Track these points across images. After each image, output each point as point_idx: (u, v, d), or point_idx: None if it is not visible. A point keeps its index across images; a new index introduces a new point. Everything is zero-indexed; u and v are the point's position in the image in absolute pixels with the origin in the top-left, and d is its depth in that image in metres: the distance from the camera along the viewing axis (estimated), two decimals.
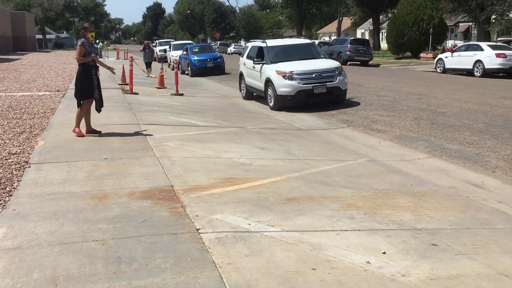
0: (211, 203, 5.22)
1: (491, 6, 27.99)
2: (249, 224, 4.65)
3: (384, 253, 4.12)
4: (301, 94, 12.81)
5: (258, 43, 15.45)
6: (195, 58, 25.80)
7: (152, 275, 3.56)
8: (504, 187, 6.41)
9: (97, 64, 8.88)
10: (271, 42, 14.77)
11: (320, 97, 13.10)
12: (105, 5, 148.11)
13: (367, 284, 3.55)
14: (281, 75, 12.95)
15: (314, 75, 12.89)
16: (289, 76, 12.83)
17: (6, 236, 4.26)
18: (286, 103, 12.98)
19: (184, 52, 27.32)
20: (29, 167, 6.59)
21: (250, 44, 16.34)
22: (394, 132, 10.09)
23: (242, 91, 16.24)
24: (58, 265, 3.70)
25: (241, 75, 16.23)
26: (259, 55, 14.47)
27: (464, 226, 4.87)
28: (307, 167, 7.04)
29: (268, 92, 13.55)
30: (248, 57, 15.48)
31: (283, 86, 12.87)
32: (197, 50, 27.58)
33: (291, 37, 26.09)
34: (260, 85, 14.15)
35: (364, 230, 4.63)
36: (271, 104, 13.46)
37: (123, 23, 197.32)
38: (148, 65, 24.46)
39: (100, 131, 8.92)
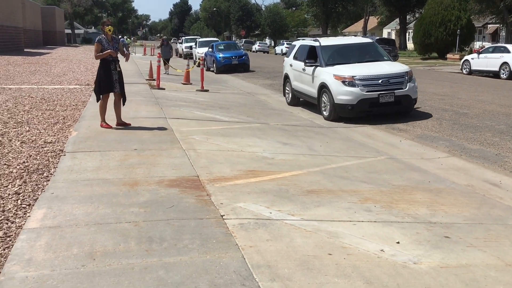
0: (235, 193, 5.51)
1: None
2: (270, 213, 4.93)
3: (398, 242, 4.35)
4: (364, 103, 10.92)
5: (308, 41, 13.77)
6: (221, 55, 26.19)
7: (180, 254, 3.88)
8: None
9: (117, 59, 9.04)
10: (325, 41, 12.97)
11: (386, 107, 11.18)
12: (133, 1, 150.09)
13: (380, 269, 3.80)
14: (339, 81, 11.06)
15: (380, 81, 10.97)
16: (349, 82, 10.94)
17: (46, 216, 4.63)
18: (345, 113, 11.18)
19: (210, 49, 27.76)
20: (64, 155, 6.99)
21: (297, 43, 14.61)
22: (416, 131, 10.24)
23: (287, 96, 14.50)
24: (95, 242, 4.04)
25: (286, 77, 14.50)
26: (311, 56, 12.66)
27: (477, 221, 5.06)
28: (327, 163, 7.28)
29: (323, 100, 11.70)
30: (296, 57, 13.81)
31: (342, 94, 11.00)
32: (222, 47, 27.95)
33: (318, 35, 26.07)
34: (312, 90, 12.30)
35: (380, 222, 4.86)
36: (325, 114, 11.62)
37: (150, 20, 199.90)
38: (166, 62, 23.54)
39: (130, 124, 9.30)
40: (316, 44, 12.68)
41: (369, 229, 4.66)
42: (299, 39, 15.50)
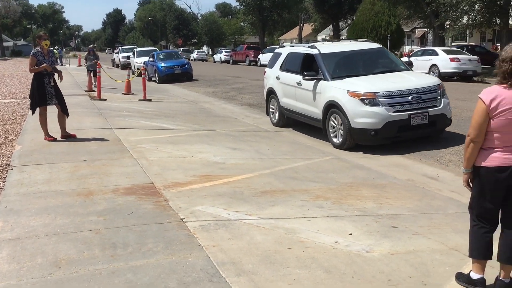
0: (192, 197, 5.64)
1: (445, 12, 29.32)
2: (229, 214, 5.10)
3: (351, 234, 4.64)
4: (392, 127, 8.48)
5: (300, 48, 11.02)
6: (162, 64, 25.70)
7: (146, 257, 3.97)
8: (457, 178, 7.03)
9: (53, 72, 8.94)
10: (325, 48, 10.25)
11: (418, 131, 8.85)
12: (64, 12, 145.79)
13: (337, 259, 4.06)
14: (357, 98, 8.56)
15: (410, 97, 8.57)
16: (371, 100, 8.48)
17: (3, 229, 4.57)
18: (366, 140, 8.74)
19: (151, 59, 27.13)
20: (12, 169, 6.84)
21: (284, 51, 11.85)
22: None
23: (272, 116, 11.90)
24: (58, 252, 4.05)
25: (270, 93, 11.86)
26: (307, 67, 10.24)
27: (420, 212, 5.45)
28: (277, 165, 7.54)
29: (331, 123, 9.21)
30: (285, 68, 11.21)
31: (362, 115, 8.51)
32: (163, 56, 27.51)
33: (255, 43, 25.99)
34: (313, 110, 9.79)
35: (332, 217, 5.15)
36: (335, 140, 9.09)
37: (82, 30, 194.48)
38: (93, 73, 20.79)
39: (75, 135, 9.18)
40: (314, 51, 10.09)
41: (323, 223, 4.92)
42: (285, 46, 12.74)
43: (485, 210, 3.54)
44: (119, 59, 39.27)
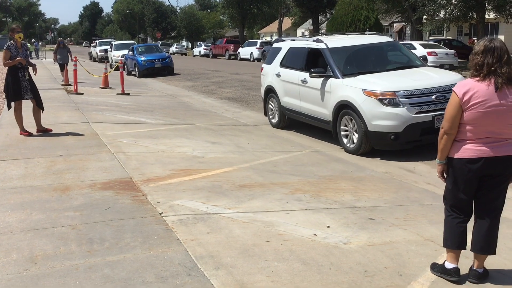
0: (170, 191, 5.61)
1: (422, 7, 29.62)
2: (207, 208, 5.09)
3: (328, 227, 4.67)
4: (414, 129, 7.65)
5: (303, 42, 10.06)
6: (142, 58, 25.25)
7: (123, 252, 3.95)
8: (433, 171, 7.13)
9: (28, 65, 8.82)
10: (332, 42, 9.28)
11: None
12: (40, 4, 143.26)
13: (315, 251, 4.09)
14: (374, 98, 7.71)
15: (434, 96, 7.72)
16: (390, 100, 7.63)
17: None
18: (384, 145, 7.90)
19: (130, 52, 26.68)
20: None
21: (283, 45, 10.75)
22: None
23: (271, 116, 10.92)
24: (34, 247, 4.00)
25: (269, 91, 10.87)
26: (312, 63, 9.34)
27: (397, 204, 5.53)
28: (256, 158, 7.54)
29: (344, 127, 8.35)
30: (286, 65, 10.25)
31: (380, 117, 7.68)
32: (143, 50, 27.07)
33: (235, 37, 25.56)
34: (322, 111, 8.90)
35: (310, 210, 5.18)
36: (349, 145, 8.24)
37: (58, 23, 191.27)
38: (63, 67, 20.25)
39: (51, 130, 9.05)
40: (321, 46, 9.12)
41: (301, 216, 4.95)
42: (284, 40, 11.34)
43: (459, 200, 3.61)
44: (97, 53, 38.80)
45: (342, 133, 8.44)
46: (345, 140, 8.35)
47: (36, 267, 3.66)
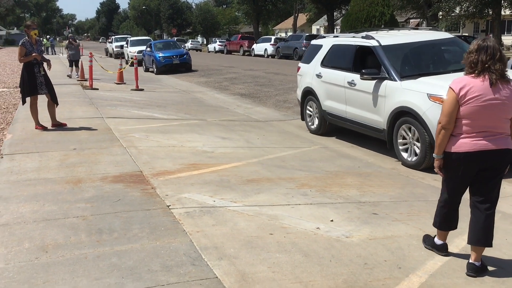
0: (179, 185, 5.75)
1: (438, 3, 29.46)
2: (214, 201, 5.22)
3: (332, 221, 4.77)
4: None
5: (348, 39, 8.92)
6: (160, 54, 24.86)
7: (131, 242, 4.09)
8: None
9: (43, 61, 9.00)
10: (385, 38, 8.20)
11: None
12: (57, 0, 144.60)
13: (316, 244, 4.19)
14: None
15: None
16: None
17: None
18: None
19: (148, 49, 26.38)
20: (2, 157, 6.92)
21: (326, 42, 9.58)
22: None
23: (310, 121, 9.88)
24: (46, 237, 4.16)
25: (307, 93, 9.84)
26: (361, 62, 8.41)
27: (401, 199, 5.59)
28: (265, 154, 7.65)
29: (400, 135, 7.31)
30: (328, 64, 9.19)
31: None
32: (161, 46, 26.66)
33: (250, 33, 25.38)
34: (373, 118, 7.86)
35: (315, 204, 5.27)
36: (408, 158, 7.20)
37: (75, 19, 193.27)
38: (75, 64, 20.36)
39: (66, 124, 9.25)
40: (373, 43, 8.07)
41: (306, 210, 5.05)
42: (325, 36, 10.18)
43: (454, 193, 3.81)
44: (113, 49, 39.21)
45: (400, 146, 7.35)
46: (404, 154, 7.26)
47: (47, 255, 3.82)
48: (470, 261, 3.74)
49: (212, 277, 3.53)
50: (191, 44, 63.11)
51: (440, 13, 30.87)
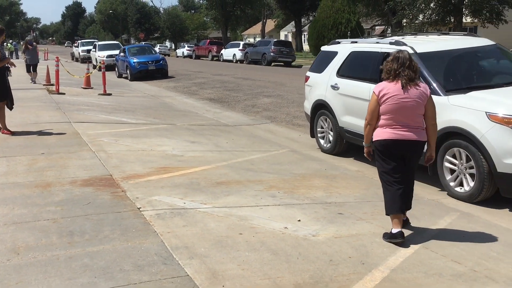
0: (149, 188, 5.82)
1: (402, 10, 30.19)
2: (184, 203, 5.32)
3: (299, 220, 4.93)
4: None
5: (373, 45, 7.65)
6: (135, 60, 23.72)
7: (103, 243, 4.15)
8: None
9: (8, 66, 8.98)
10: (419, 45, 6.94)
11: None
12: (21, 4, 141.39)
13: (284, 242, 4.34)
14: (506, 126, 5.53)
15: None
16: None
17: None
18: None
19: (122, 54, 25.22)
20: None
21: (343, 49, 8.30)
22: None
23: (323, 139, 8.59)
24: (17, 239, 4.18)
25: (319, 107, 8.55)
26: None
27: (366, 200, 5.81)
28: (234, 157, 7.78)
29: (448, 161, 6.06)
30: (345, 74, 7.95)
31: None
32: (136, 51, 25.46)
33: (219, 38, 24.83)
34: None
35: (283, 205, 5.44)
36: (459, 190, 5.97)
37: (40, 23, 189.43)
38: (33, 68, 19.55)
39: (14, 132, 8.98)
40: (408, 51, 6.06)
41: (274, 211, 5.20)
42: (339, 42, 8.74)
43: (388, 173, 4.56)
44: (79, 53, 38.64)
45: (448, 176, 6.09)
46: (452, 183, 6.05)
47: (19, 257, 3.85)
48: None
49: (184, 275, 3.63)
50: (159, 49, 62.63)
51: (404, 20, 31.65)
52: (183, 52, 54.27)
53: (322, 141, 8.66)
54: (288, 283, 3.61)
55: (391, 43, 7.21)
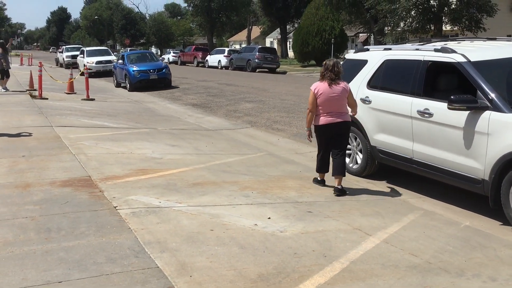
0: (126, 188, 6.02)
1: (383, 18, 30.75)
2: (160, 202, 5.52)
3: (269, 218, 5.17)
4: None
5: (414, 52, 6.57)
6: (135, 68, 21.31)
7: (78, 239, 4.35)
8: (375, 172, 7.74)
9: None
10: (472, 52, 5.92)
11: None
12: (6, 9, 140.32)
13: (253, 238, 4.57)
14: None
15: None
16: None
17: None
18: None
19: (120, 61, 22.78)
20: None
21: (373, 56, 7.28)
22: (292, 130, 11.35)
23: (350, 159, 7.55)
24: None
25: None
26: (435, 85, 6.32)
27: (335, 199, 6.06)
28: (212, 160, 8.00)
29: None
30: (379, 86, 6.99)
31: None
32: (136, 58, 23.05)
33: (204, 44, 24.75)
34: (467, 164, 5.56)
35: (256, 204, 5.67)
36: None
37: (25, 28, 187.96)
38: (5, 74, 17.79)
39: None
40: (457, 58, 5.81)
41: (246, 210, 5.43)
42: (368, 48, 7.82)
43: (323, 148, 6.53)
44: (63, 58, 38.55)
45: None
46: None
47: None
48: (335, 186, 6.28)
49: (154, 267, 3.84)
50: (173, 55, 62.60)
51: (386, 28, 32.21)
52: (168, 58, 54.25)
53: (350, 162, 7.52)
54: (253, 273, 3.83)
55: (436, 50, 6.15)
